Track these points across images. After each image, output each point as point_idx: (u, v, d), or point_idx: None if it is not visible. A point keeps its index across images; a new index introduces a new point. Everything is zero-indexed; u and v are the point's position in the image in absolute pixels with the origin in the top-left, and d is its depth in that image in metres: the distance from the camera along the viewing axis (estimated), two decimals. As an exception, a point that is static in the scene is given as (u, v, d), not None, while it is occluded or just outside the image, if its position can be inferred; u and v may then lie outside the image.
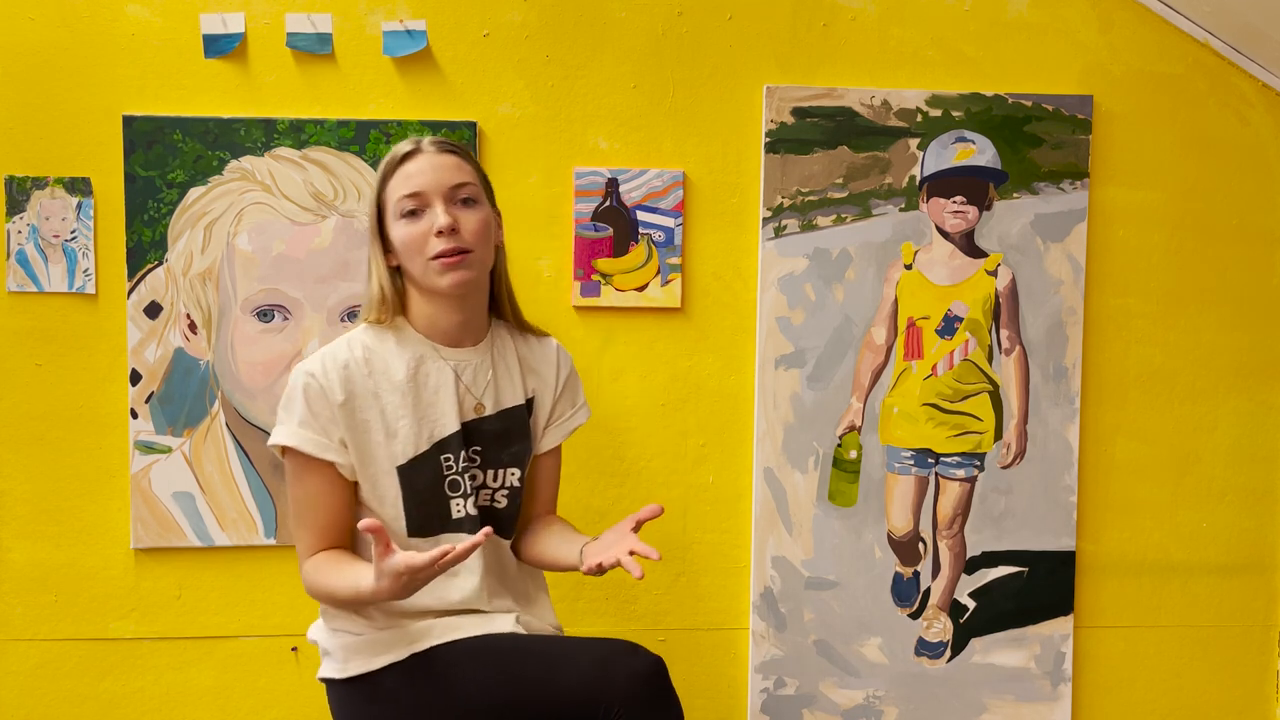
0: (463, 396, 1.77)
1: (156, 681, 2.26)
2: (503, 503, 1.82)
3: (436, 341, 1.77)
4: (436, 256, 1.69)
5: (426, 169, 1.72)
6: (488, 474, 1.80)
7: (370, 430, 1.72)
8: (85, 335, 2.21)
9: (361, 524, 1.53)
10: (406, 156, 1.73)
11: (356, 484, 1.75)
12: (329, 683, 1.80)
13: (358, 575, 1.63)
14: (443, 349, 1.77)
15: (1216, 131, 2.37)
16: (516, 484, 1.82)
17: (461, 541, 1.61)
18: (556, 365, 1.88)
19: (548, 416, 1.88)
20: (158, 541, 2.23)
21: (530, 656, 1.67)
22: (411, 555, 1.52)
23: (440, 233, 1.68)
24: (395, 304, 1.77)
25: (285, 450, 1.74)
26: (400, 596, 1.57)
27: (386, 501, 1.74)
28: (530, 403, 1.85)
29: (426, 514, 1.75)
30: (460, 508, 1.76)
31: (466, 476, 1.76)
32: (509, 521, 1.84)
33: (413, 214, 1.71)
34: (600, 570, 1.62)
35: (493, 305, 1.84)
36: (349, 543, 1.78)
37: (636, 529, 1.66)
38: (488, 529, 1.58)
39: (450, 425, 1.75)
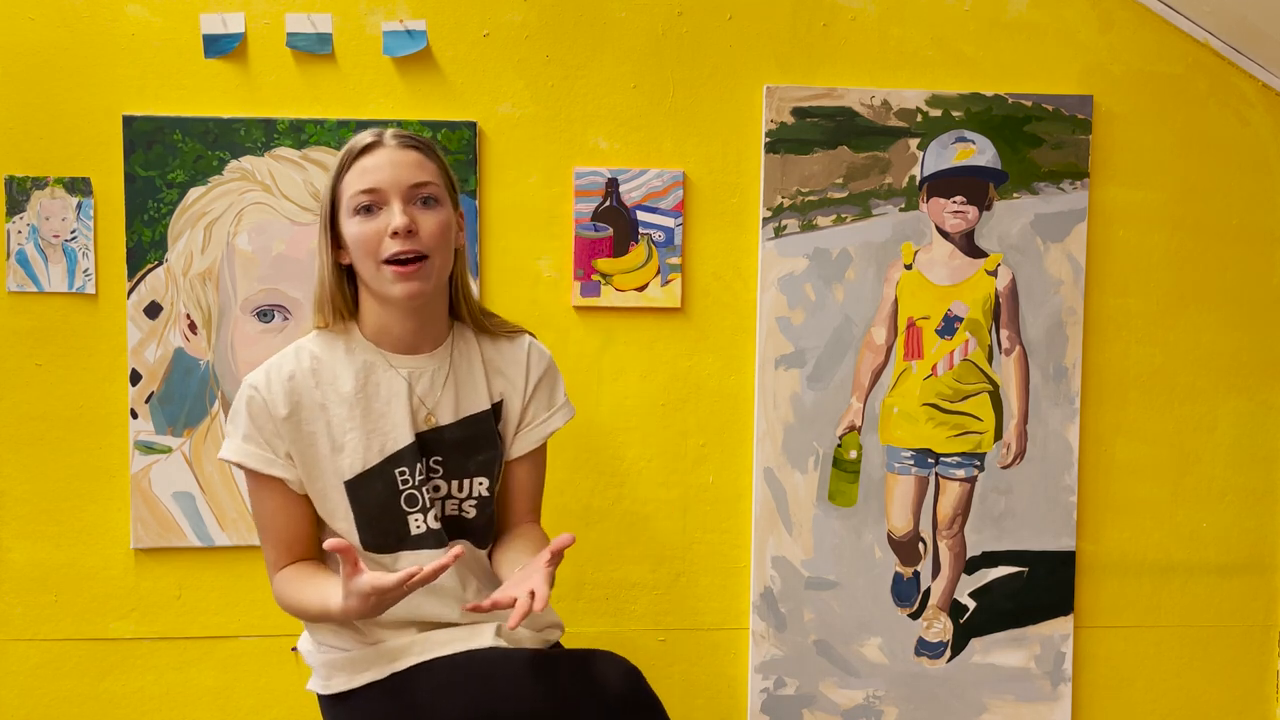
0: (416, 407, 1.68)
1: (156, 681, 2.26)
2: (471, 513, 1.73)
3: (387, 349, 1.68)
4: (391, 259, 1.60)
5: (385, 164, 1.61)
6: (452, 484, 1.71)
7: (316, 443, 1.65)
8: (85, 335, 2.21)
9: (327, 544, 1.46)
10: (366, 149, 1.63)
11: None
12: (318, 695, 1.78)
13: (326, 593, 1.58)
14: (394, 357, 1.68)
15: (1216, 131, 2.37)
16: (485, 493, 1.73)
17: (426, 559, 1.60)
18: (526, 366, 1.77)
19: (518, 421, 1.77)
20: (158, 541, 2.23)
21: (508, 671, 1.62)
22: (379, 576, 1.47)
23: (396, 234, 1.59)
24: (343, 307, 1.68)
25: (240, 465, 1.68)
26: (369, 615, 1.53)
27: (338, 517, 1.67)
28: (497, 407, 1.75)
29: (381, 530, 1.67)
30: (420, 523, 1.68)
31: (426, 490, 1.68)
32: (481, 532, 1.76)
33: (367, 210, 1.61)
34: (492, 608, 1.52)
35: (452, 309, 1.75)
36: (316, 553, 1.71)
37: (554, 561, 1.54)
38: (458, 550, 1.52)
39: (403, 437, 1.66)
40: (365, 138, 1.65)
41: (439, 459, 1.70)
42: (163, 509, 2.22)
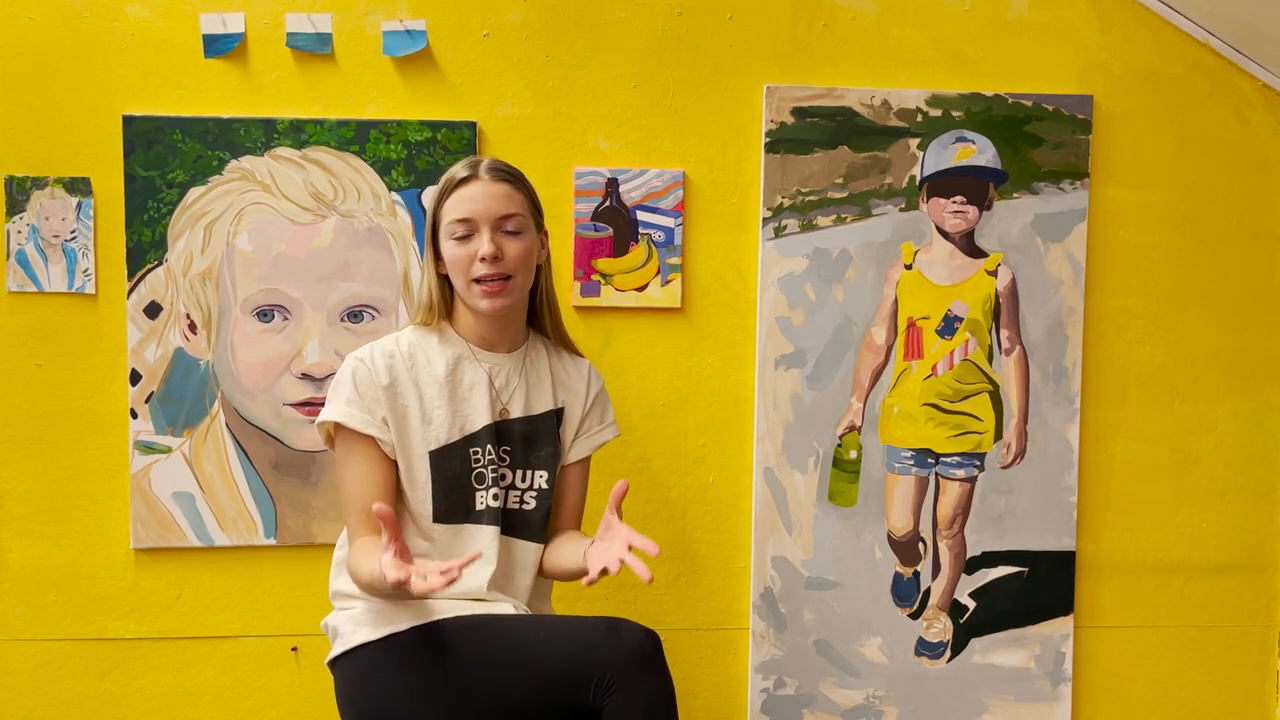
0: (494, 397, 1.89)
1: (156, 681, 2.26)
2: (531, 504, 1.91)
3: (474, 344, 1.90)
4: (478, 280, 1.82)
5: (479, 196, 1.83)
6: (516, 474, 1.90)
7: (409, 415, 1.84)
8: (85, 335, 2.21)
9: (375, 507, 1.61)
10: (463, 181, 1.84)
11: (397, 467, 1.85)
12: (334, 666, 1.86)
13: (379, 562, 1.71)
14: (479, 351, 1.89)
15: (1216, 131, 2.37)
16: (544, 486, 1.92)
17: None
18: (588, 382, 1.99)
19: (576, 428, 1.97)
20: (158, 541, 2.22)
21: (527, 629, 1.75)
22: (412, 570, 1.60)
23: (484, 259, 1.81)
24: (441, 309, 1.90)
25: (336, 432, 1.84)
26: (400, 589, 1.62)
27: (418, 485, 1.85)
28: (559, 413, 1.95)
29: (452, 502, 1.85)
30: (483, 500, 1.86)
31: (491, 471, 1.86)
32: (538, 525, 1.92)
33: (463, 238, 1.83)
34: (606, 574, 1.67)
35: (533, 319, 1.96)
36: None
37: (618, 514, 1.75)
38: (476, 554, 1.68)
39: (481, 420, 1.86)
40: (462, 170, 1.86)
41: (507, 449, 1.90)
42: (162, 509, 2.22)
